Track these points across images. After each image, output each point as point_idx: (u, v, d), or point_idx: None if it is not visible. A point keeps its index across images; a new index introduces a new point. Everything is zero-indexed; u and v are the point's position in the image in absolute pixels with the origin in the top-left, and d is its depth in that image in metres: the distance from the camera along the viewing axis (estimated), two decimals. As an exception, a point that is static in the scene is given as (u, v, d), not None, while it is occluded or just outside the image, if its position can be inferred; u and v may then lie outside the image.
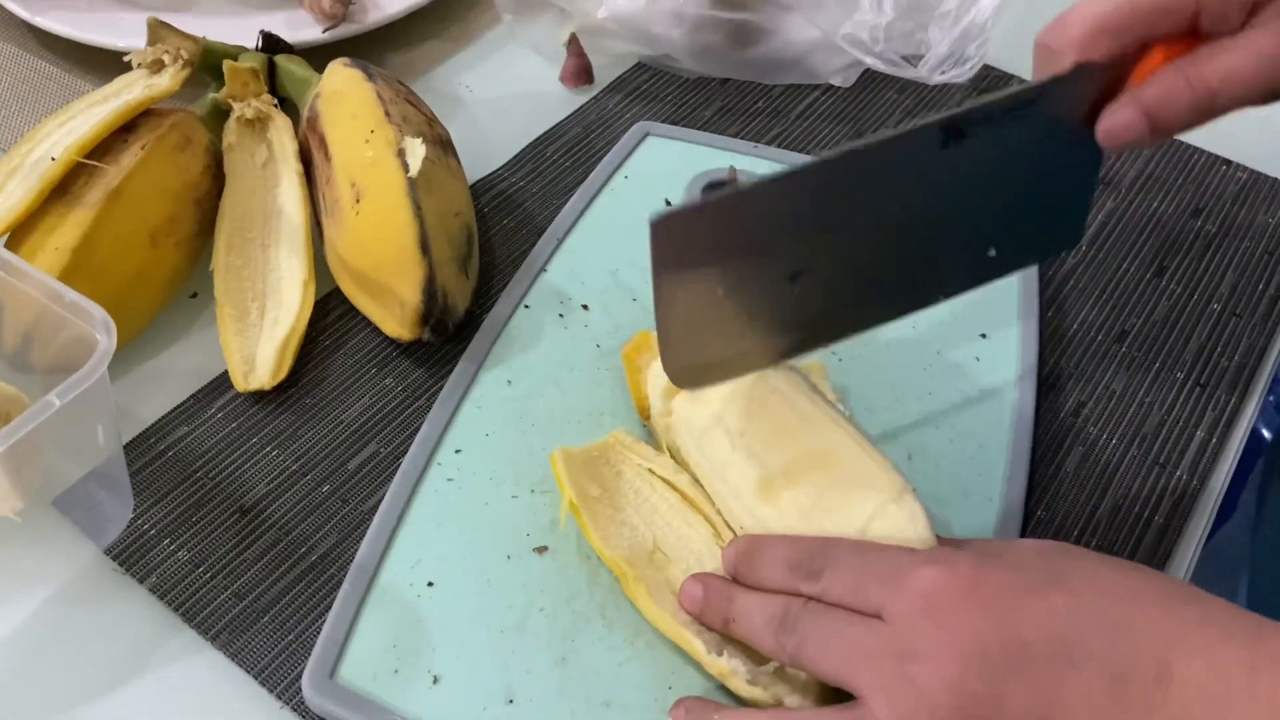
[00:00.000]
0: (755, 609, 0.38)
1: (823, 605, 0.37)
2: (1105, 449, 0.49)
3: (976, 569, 0.35)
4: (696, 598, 0.40)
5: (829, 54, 0.65)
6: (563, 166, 0.61)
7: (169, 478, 0.47)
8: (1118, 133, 0.39)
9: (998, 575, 0.35)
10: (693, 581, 0.40)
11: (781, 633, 0.37)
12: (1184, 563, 0.46)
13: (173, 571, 0.44)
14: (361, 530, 0.44)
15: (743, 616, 0.38)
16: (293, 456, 0.48)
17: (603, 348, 0.51)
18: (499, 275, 0.55)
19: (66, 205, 0.49)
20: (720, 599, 0.39)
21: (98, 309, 0.39)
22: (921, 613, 0.34)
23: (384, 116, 0.52)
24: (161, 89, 0.54)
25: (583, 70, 0.66)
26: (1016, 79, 0.68)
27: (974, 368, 0.51)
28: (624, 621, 0.42)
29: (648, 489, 0.44)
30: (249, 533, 0.45)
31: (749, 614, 0.38)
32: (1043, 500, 0.47)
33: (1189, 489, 0.48)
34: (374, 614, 0.42)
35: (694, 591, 0.40)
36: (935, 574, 0.35)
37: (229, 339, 0.50)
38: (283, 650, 0.42)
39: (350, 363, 0.51)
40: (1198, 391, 0.52)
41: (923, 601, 0.35)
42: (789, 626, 0.37)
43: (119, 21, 0.65)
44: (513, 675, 0.40)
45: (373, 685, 0.40)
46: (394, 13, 0.67)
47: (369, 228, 0.50)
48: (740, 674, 0.38)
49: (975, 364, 0.51)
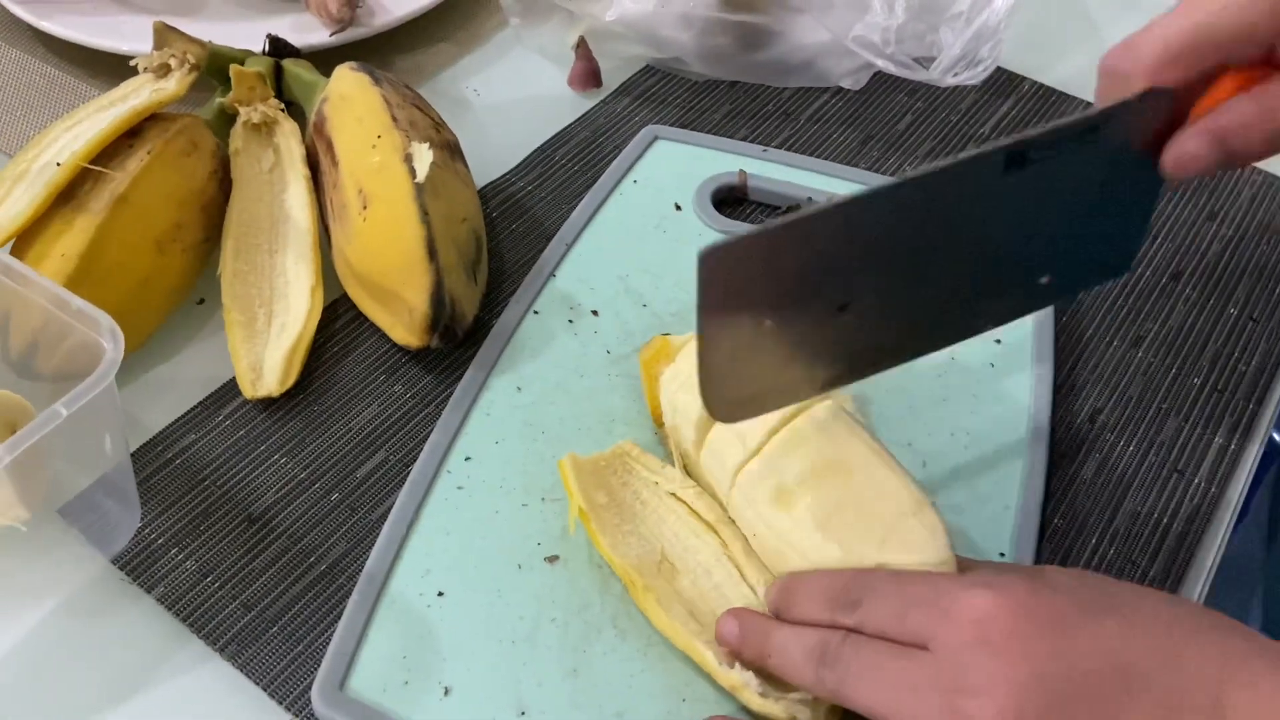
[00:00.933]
0: (793, 643, 0.37)
1: (863, 637, 0.35)
2: (1123, 456, 0.49)
3: (1029, 593, 0.33)
4: (732, 634, 0.38)
5: (839, 57, 0.65)
6: (571, 171, 0.61)
7: (176, 486, 0.46)
8: (1186, 162, 0.37)
9: (1050, 600, 0.33)
10: (728, 618, 0.39)
11: (822, 667, 0.36)
12: (1203, 570, 0.46)
13: (180, 581, 0.43)
14: (371, 539, 0.44)
15: (780, 651, 0.37)
16: (301, 464, 0.47)
17: (613, 354, 0.51)
18: (508, 281, 0.55)
19: (72, 211, 0.48)
20: (757, 634, 0.38)
21: (104, 316, 0.39)
22: (972, 642, 0.33)
23: (391, 121, 0.52)
24: (168, 94, 0.53)
25: (591, 74, 0.66)
26: (1030, 81, 0.67)
27: (988, 374, 0.50)
28: (636, 632, 0.41)
29: (655, 500, 0.44)
30: (257, 542, 0.44)
31: (787, 648, 0.37)
32: (1059, 508, 0.47)
33: (1208, 496, 0.48)
34: (384, 624, 0.41)
35: (729, 628, 0.39)
36: (986, 600, 0.33)
37: (236, 346, 0.50)
38: (292, 661, 0.41)
39: (358, 369, 0.51)
40: (1215, 397, 0.51)
41: (973, 630, 0.33)
42: (829, 661, 0.35)
43: (125, 26, 0.65)
44: (524, 687, 0.40)
45: (383, 697, 0.39)
46: (401, 16, 0.66)
47: (376, 234, 0.49)
48: (752, 686, 0.38)
49: (990, 370, 0.51)
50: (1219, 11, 0.37)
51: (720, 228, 0.56)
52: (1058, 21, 0.73)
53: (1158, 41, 0.37)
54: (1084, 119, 0.36)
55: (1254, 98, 0.37)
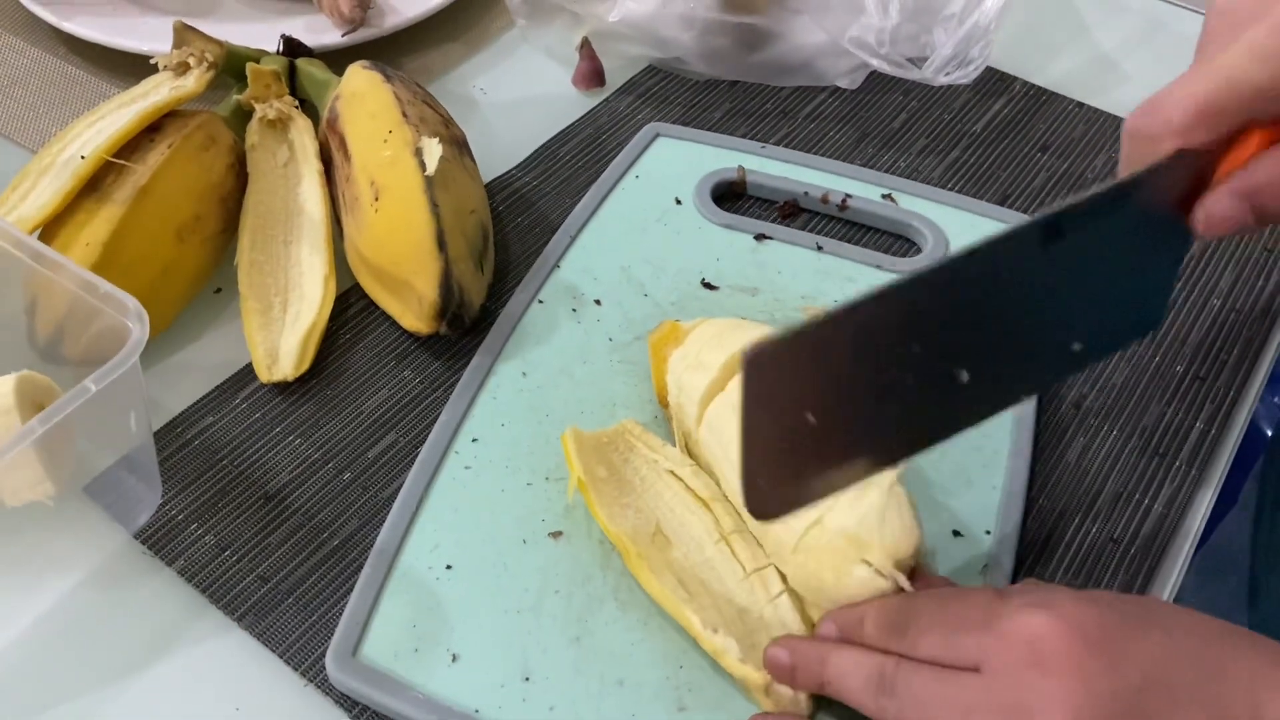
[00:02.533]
0: (851, 670, 0.36)
1: (915, 663, 0.35)
2: (1106, 439, 0.50)
3: (1077, 610, 0.33)
4: (783, 664, 0.38)
5: (836, 57, 0.66)
6: (575, 166, 0.63)
7: (196, 465, 0.48)
8: (1218, 223, 0.37)
9: (1098, 616, 0.33)
10: (777, 649, 0.38)
11: (881, 695, 0.36)
12: (1183, 549, 0.47)
13: (200, 555, 0.45)
14: (382, 516, 0.46)
15: (838, 679, 0.37)
16: (315, 445, 0.49)
17: (615, 341, 0.53)
18: (514, 271, 0.56)
19: (97, 202, 0.50)
20: (811, 662, 0.38)
21: (131, 299, 0.41)
22: (1027, 662, 0.33)
23: (402, 117, 0.54)
24: (187, 91, 0.55)
25: (594, 73, 0.68)
26: (1021, 81, 0.69)
27: (977, 361, 0.52)
28: (636, 604, 0.43)
29: (653, 476, 0.45)
30: (273, 518, 0.46)
31: (845, 675, 0.37)
32: (1045, 489, 0.48)
33: (1188, 478, 0.49)
34: (394, 596, 0.43)
35: (780, 659, 0.38)
36: (1038, 619, 0.33)
37: (253, 332, 0.52)
38: (307, 630, 0.43)
39: (370, 355, 0.53)
40: (1197, 384, 0.53)
41: (1027, 650, 0.33)
42: (888, 689, 0.35)
43: (143, 27, 0.67)
44: (529, 654, 0.42)
45: (394, 663, 0.41)
46: (411, 17, 0.68)
47: (387, 225, 0.51)
48: (733, 652, 0.39)
49: (979, 357, 0.52)
50: (1245, 68, 0.36)
51: (720, 221, 0.58)
52: (1049, 23, 0.75)
53: (1186, 102, 0.36)
54: (1116, 186, 0.36)
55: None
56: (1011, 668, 0.33)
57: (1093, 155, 0.65)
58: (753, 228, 0.58)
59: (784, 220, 0.60)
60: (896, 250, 0.59)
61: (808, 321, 0.33)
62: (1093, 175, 0.64)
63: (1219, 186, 0.37)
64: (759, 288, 0.55)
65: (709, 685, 0.41)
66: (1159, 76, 0.40)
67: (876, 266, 0.57)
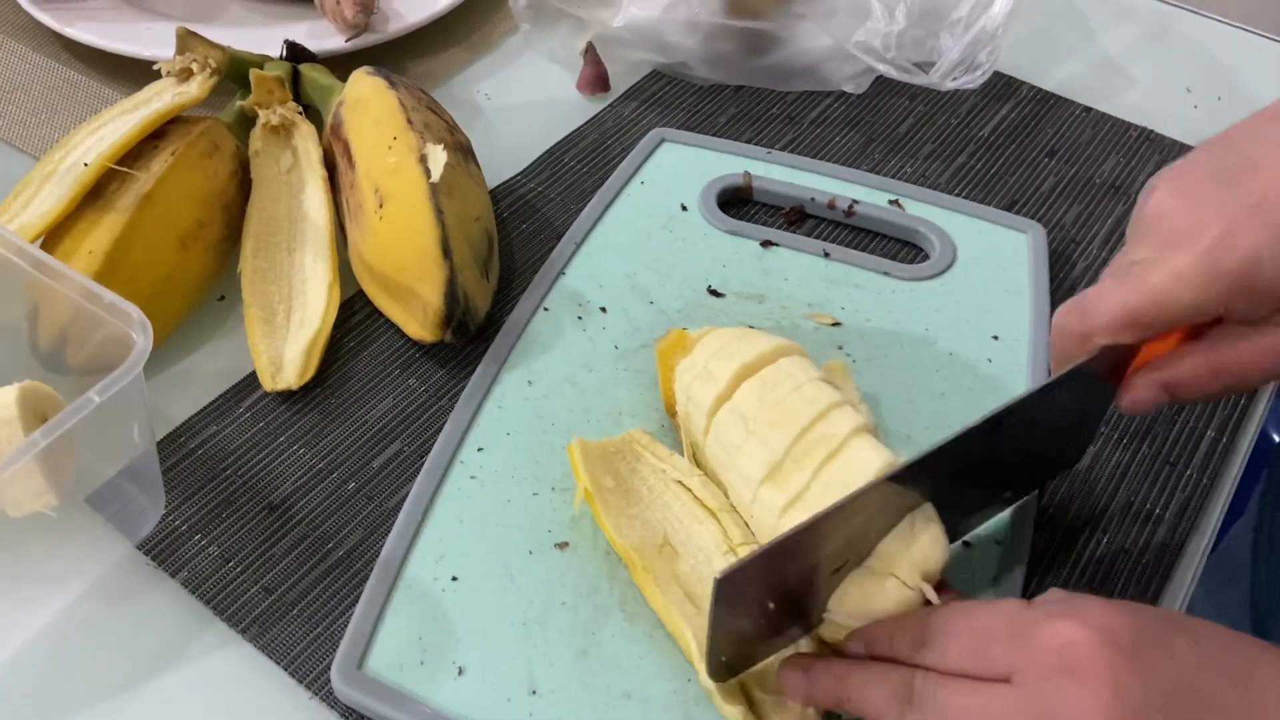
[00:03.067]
0: (873, 686, 0.36)
1: (941, 676, 0.35)
2: (1116, 448, 0.50)
3: (1107, 618, 0.34)
4: (800, 684, 0.38)
5: (841, 61, 0.66)
6: (580, 172, 0.62)
7: (199, 475, 0.48)
8: (1141, 405, 0.41)
9: (1128, 623, 0.33)
10: (792, 668, 0.38)
11: (907, 710, 0.35)
12: (1194, 559, 0.47)
13: (204, 566, 0.45)
14: (387, 526, 0.45)
15: (859, 695, 0.37)
16: (319, 455, 0.49)
17: (620, 349, 0.52)
18: (519, 279, 0.56)
19: (99, 210, 0.50)
20: (830, 679, 0.38)
21: (135, 310, 0.40)
22: (1058, 670, 0.33)
23: (406, 123, 0.53)
24: (190, 97, 0.55)
25: (599, 78, 0.68)
26: (1028, 85, 0.69)
27: (986, 369, 0.52)
28: (643, 615, 0.43)
29: (661, 486, 0.45)
30: (277, 528, 0.46)
31: (865, 692, 0.37)
32: (1055, 498, 0.48)
33: (1199, 487, 0.49)
34: (400, 607, 0.43)
35: (796, 679, 0.38)
36: (1069, 627, 0.33)
37: (256, 340, 0.51)
38: (311, 642, 0.43)
39: (374, 364, 0.52)
40: (1207, 392, 0.52)
41: (1058, 658, 0.33)
42: (914, 704, 0.35)
43: (145, 32, 0.66)
44: (535, 667, 0.41)
45: (399, 676, 0.41)
46: (414, 22, 0.68)
47: (392, 232, 0.51)
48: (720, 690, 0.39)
49: (987, 365, 0.52)
50: (1172, 290, 0.38)
51: (725, 228, 0.58)
52: (1056, 27, 0.75)
53: (1115, 309, 0.39)
54: (1051, 382, 0.40)
55: (1205, 353, 0.39)
56: (1043, 676, 0.33)
57: (1100, 159, 0.64)
58: (759, 234, 0.58)
59: (790, 226, 0.59)
60: (904, 256, 0.58)
61: (772, 543, 0.36)
62: (1100, 180, 0.63)
63: (1146, 375, 0.41)
64: (765, 295, 0.55)
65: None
66: (1165, 80, 0.40)
67: (884, 274, 0.56)
